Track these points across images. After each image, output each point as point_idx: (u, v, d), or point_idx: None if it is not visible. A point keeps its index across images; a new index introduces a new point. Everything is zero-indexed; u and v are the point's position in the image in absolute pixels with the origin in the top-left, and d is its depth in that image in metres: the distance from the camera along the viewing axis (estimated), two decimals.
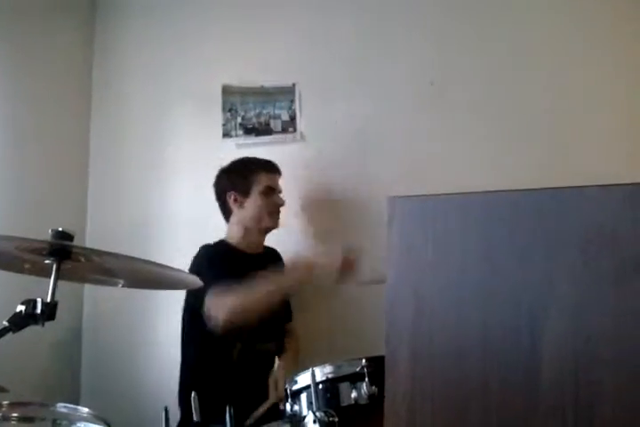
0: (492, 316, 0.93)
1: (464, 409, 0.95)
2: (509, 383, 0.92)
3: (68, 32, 3.20)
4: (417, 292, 0.99)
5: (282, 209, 2.60)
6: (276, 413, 2.04)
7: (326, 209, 2.45)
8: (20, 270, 1.77)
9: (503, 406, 0.92)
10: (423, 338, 0.97)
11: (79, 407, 1.85)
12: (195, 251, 2.49)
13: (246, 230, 2.58)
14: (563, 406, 0.88)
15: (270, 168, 2.60)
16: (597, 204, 0.89)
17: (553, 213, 0.91)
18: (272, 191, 2.58)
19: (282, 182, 2.63)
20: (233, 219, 2.61)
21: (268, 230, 2.61)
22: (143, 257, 1.64)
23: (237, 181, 2.58)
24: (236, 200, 2.57)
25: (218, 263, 2.43)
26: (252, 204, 2.55)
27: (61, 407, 1.84)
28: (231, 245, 2.58)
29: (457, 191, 1.01)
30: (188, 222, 3.06)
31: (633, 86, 2.40)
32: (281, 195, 2.61)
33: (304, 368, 1.81)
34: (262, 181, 2.56)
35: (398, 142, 2.74)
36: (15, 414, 1.74)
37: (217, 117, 3.01)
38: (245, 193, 2.56)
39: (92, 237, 3.14)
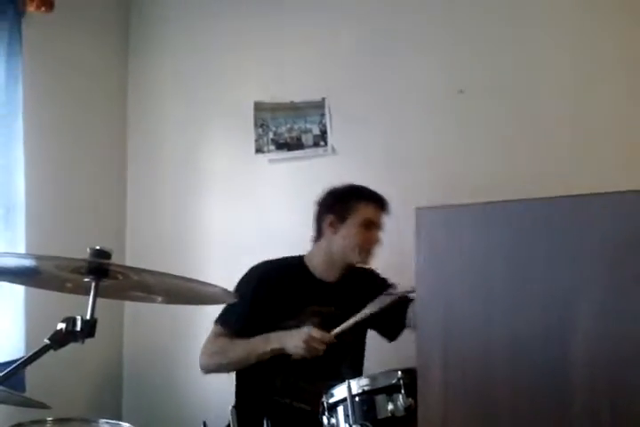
0: (521, 323, 0.94)
1: (496, 415, 0.95)
2: (540, 389, 0.92)
3: (101, 55, 3.28)
4: (446, 302, 1.00)
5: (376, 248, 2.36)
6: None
7: None
8: (61, 289, 1.80)
9: (535, 411, 0.92)
10: (454, 346, 0.98)
11: (121, 423, 1.89)
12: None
13: (330, 260, 2.36)
14: (598, 411, 0.88)
15: (377, 201, 2.35)
16: (621, 210, 0.89)
17: (577, 220, 0.91)
18: (371, 225, 2.33)
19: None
20: (322, 243, 2.38)
21: (352, 265, 2.38)
22: (181, 273, 1.66)
23: (339, 204, 2.35)
24: (331, 225, 2.34)
25: (252, 289, 2.29)
26: (346, 233, 2.32)
27: (104, 423, 1.88)
28: (305, 266, 2.39)
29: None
30: (223, 238, 3.10)
31: None
32: (380, 233, 2.37)
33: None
34: (364, 211, 2.32)
35: (429, 154, 2.75)
36: None
37: (249, 133, 3.05)
38: (342, 219, 2.32)
39: (131, 255, 3.20)
